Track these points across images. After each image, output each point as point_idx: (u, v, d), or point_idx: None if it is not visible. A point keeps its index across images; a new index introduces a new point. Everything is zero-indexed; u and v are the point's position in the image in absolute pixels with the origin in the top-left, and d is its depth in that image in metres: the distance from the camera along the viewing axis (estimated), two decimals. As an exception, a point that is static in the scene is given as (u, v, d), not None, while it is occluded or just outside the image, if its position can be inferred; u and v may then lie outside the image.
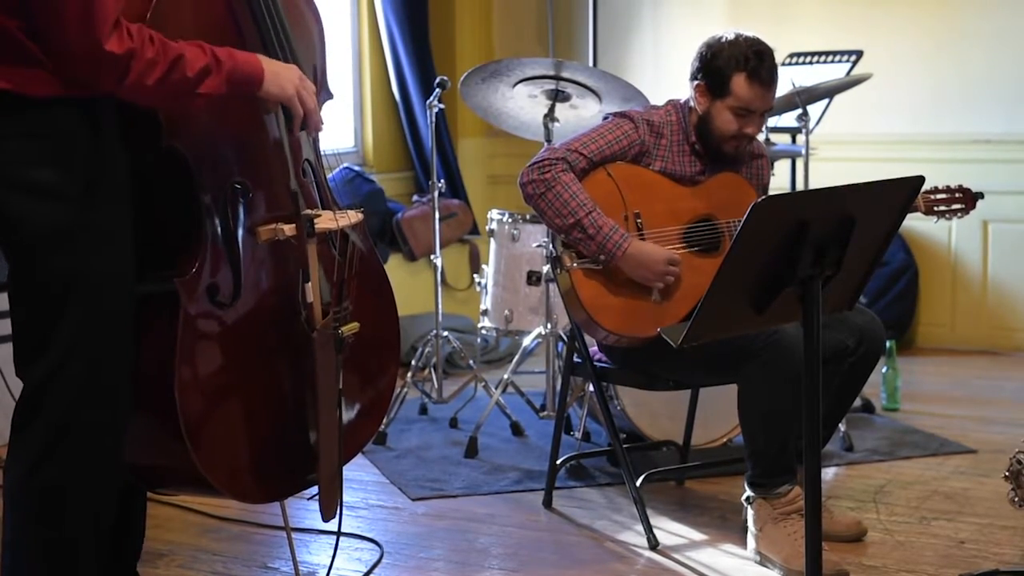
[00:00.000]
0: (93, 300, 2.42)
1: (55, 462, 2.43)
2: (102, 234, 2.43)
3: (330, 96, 2.99)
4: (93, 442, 2.47)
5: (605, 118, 3.64)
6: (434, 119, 4.75)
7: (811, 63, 5.06)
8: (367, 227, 2.98)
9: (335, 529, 2.89)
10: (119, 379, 2.49)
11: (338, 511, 2.82)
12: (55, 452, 2.43)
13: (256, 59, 2.55)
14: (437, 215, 4.84)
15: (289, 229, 2.67)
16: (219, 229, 2.63)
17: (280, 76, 2.58)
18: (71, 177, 2.38)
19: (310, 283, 2.67)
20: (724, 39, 3.52)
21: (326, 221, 2.74)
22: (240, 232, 2.65)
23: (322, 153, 2.90)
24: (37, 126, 2.36)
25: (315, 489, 2.80)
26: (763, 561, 3.34)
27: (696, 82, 3.56)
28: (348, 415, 2.88)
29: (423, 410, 4.94)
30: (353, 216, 2.83)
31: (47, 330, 2.41)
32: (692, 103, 3.59)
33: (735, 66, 3.48)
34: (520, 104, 4.51)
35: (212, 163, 2.62)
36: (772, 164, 4.65)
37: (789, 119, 4.69)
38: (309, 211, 2.71)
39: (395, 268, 5.80)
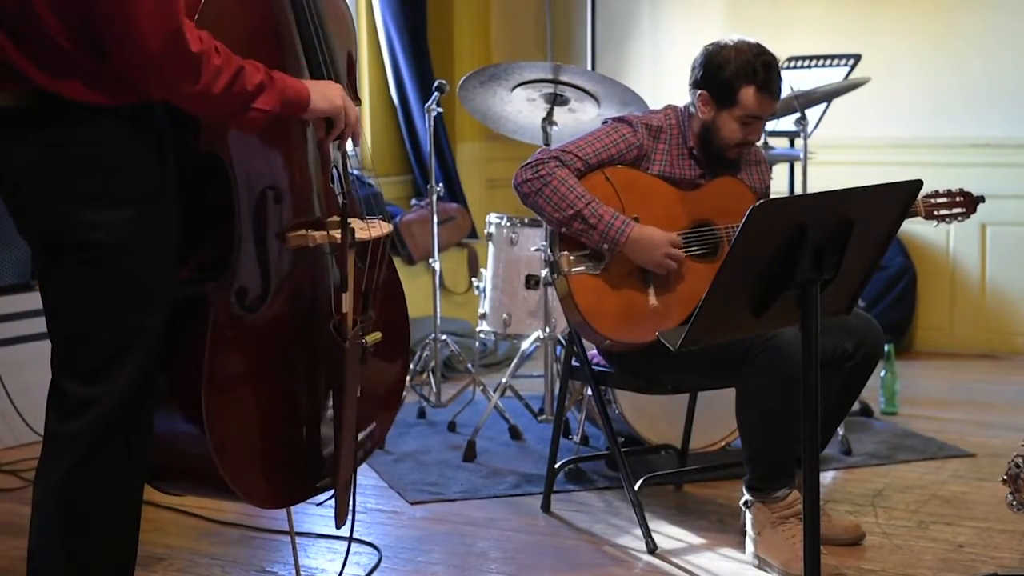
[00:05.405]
0: (142, 303, 2.43)
1: (95, 464, 2.42)
2: (153, 239, 2.43)
3: (358, 102, 3.00)
4: (131, 444, 2.46)
5: (604, 123, 3.64)
6: (432, 123, 4.75)
7: (809, 67, 5.06)
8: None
9: (335, 533, 2.89)
10: (152, 381, 2.49)
11: (350, 517, 2.82)
12: (97, 454, 2.41)
13: (300, 82, 2.56)
14: (435, 219, 4.84)
15: (320, 236, 2.68)
16: (250, 233, 2.62)
17: (327, 92, 2.60)
18: (123, 185, 2.38)
19: (347, 293, 2.67)
20: (728, 47, 3.48)
21: (360, 231, 2.75)
22: (270, 237, 2.65)
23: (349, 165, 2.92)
24: (89, 135, 2.35)
25: (323, 496, 2.80)
26: (761, 565, 3.34)
27: (700, 91, 3.52)
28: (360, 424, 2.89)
29: (421, 414, 4.93)
30: (384, 227, 2.83)
31: (95, 332, 2.40)
32: (692, 109, 3.58)
33: (744, 78, 3.44)
34: (518, 108, 4.50)
35: (248, 168, 2.62)
36: (771, 168, 4.66)
37: (787, 123, 4.69)
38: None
39: (393, 272, 5.79)
